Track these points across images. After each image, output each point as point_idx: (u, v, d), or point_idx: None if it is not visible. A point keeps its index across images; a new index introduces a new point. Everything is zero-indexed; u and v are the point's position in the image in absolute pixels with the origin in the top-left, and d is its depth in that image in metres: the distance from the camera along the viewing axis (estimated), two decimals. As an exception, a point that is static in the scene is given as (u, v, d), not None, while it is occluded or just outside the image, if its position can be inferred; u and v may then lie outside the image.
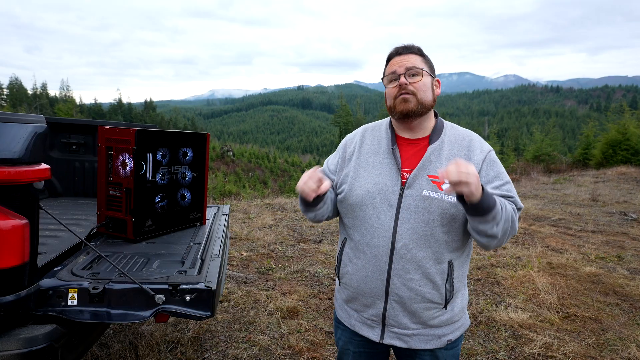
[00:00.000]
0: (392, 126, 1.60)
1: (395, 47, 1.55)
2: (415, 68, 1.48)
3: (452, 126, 1.59)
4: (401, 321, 1.50)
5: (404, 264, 1.45)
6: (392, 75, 1.50)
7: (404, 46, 1.53)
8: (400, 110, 1.48)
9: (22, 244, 1.38)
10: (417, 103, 1.47)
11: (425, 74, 1.50)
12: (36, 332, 1.44)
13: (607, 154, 16.78)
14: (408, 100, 1.47)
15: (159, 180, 2.34)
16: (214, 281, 1.71)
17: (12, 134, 1.38)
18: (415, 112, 1.48)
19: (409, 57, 1.50)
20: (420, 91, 1.48)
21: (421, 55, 1.53)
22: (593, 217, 7.47)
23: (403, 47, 1.53)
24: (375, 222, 1.48)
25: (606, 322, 3.59)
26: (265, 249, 5.40)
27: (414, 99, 1.47)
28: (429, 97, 1.50)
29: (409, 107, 1.47)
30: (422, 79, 1.49)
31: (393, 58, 1.53)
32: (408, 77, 1.48)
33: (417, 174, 1.46)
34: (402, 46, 1.54)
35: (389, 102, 1.53)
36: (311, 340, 3.17)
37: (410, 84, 1.47)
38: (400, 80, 1.47)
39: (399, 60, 1.50)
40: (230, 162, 47.98)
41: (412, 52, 1.52)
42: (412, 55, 1.51)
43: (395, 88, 1.49)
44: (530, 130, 63.41)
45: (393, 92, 1.50)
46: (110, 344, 2.86)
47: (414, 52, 1.52)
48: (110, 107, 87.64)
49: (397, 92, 1.49)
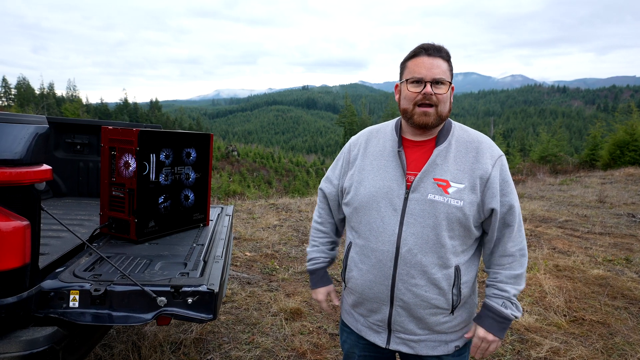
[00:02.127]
0: (398, 128, 1.54)
1: (424, 45, 1.43)
2: (443, 79, 1.40)
3: (460, 127, 1.53)
4: (407, 327, 1.48)
5: (408, 269, 1.42)
6: (418, 79, 1.40)
7: (435, 47, 1.42)
8: (419, 122, 1.43)
9: (23, 246, 1.37)
10: (436, 116, 1.42)
11: (449, 85, 1.43)
12: (37, 334, 1.43)
13: (615, 154, 16.63)
14: (429, 114, 1.41)
15: (162, 180, 2.33)
16: (216, 283, 1.69)
17: (13, 134, 1.37)
18: (432, 125, 1.44)
19: (439, 63, 1.40)
20: (441, 103, 1.42)
21: (448, 62, 1.44)
22: (600, 218, 7.39)
23: (434, 48, 1.42)
24: (380, 226, 1.45)
25: (614, 326, 3.53)
26: (269, 249, 5.39)
27: (434, 111, 1.41)
28: (447, 108, 1.45)
29: (429, 121, 1.42)
30: (447, 92, 1.42)
31: (421, 57, 1.42)
32: (434, 87, 1.40)
33: (423, 177, 1.42)
34: (432, 46, 1.42)
35: (406, 105, 1.45)
36: (315, 343, 3.15)
37: (435, 95, 1.40)
38: (427, 89, 1.39)
39: (428, 64, 1.40)
40: (235, 162, 48.07)
41: (442, 57, 1.42)
42: (442, 61, 1.41)
43: (418, 94, 1.41)
44: (536, 130, 63.03)
45: (413, 96, 1.42)
46: (113, 345, 2.86)
47: (444, 57, 1.43)
48: (116, 107, 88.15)
49: (419, 99, 1.41)
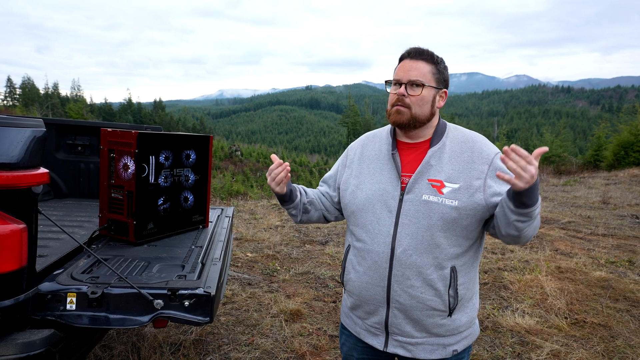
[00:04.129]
0: (393, 131, 1.58)
1: (408, 49, 1.48)
2: (418, 80, 1.43)
3: (455, 128, 1.55)
4: (404, 329, 1.48)
5: (404, 270, 1.43)
6: (396, 81, 1.47)
7: (417, 50, 1.46)
8: (393, 120, 1.49)
9: (20, 249, 1.37)
10: (410, 117, 1.45)
11: (428, 87, 1.44)
12: (34, 336, 1.43)
13: (619, 155, 16.53)
14: (401, 113, 1.45)
15: (162, 182, 2.33)
16: (213, 286, 1.69)
17: (10, 138, 1.38)
18: (406, 125, 1.47)
19: (418, 65, 1.44)
20: (415, 105, 1.44)
21: (433, 64, 1.46)
22: (604, 220, 7.35)
23: (415, 51, 1.46)
24: (376, 228, 1.48)
25: (616, 328, 3.51)
26: (271, 250, 5.39)
27: (408, 112, 1.45)
28: (425, 111, 1.46)
29: (401, 120, 1.46)
30: (422, 93, 1.44)
31: (404, 60, 1.48)
32: (409, 88, 1.44)
33: (417, 178, 1.44)
34: (415, 50, 1.47)
35: (388, 106, 1.51)
36: (314, 344, 3.14)
37: (409, 96, 1.44)
38: (400, 90, 1.45)
39: (407, 66, 1.45)
40: (238, 162, 48.14)
41: (423, 59, 1.45)
42: (422, 63, 1.44)
43: (395, 95, 1.47)
44: (540, 131, 62.75)
45: (392, 98, 1.49)
46: (112, 346, 2.86)
47: (426, 59, 1.45)
48: (120, 107, 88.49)
49: (394, 100, 1.47)
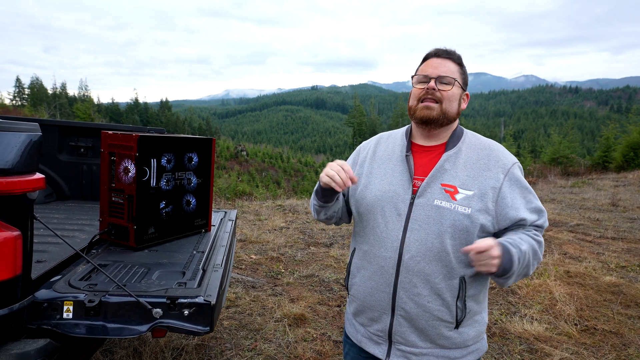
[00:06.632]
0: (408, 133, 1.54)
1: (435, 48, 1.48)
2: (448, 77, 1.41)
3: (472, 134, 1.51)
4: (409, 338, 1.42)
5: (411, 277, 1.38)
6: (424, 77, 1.44)
7: (446, 50, 1.46)
8: (421, 116, 1.43)
9: (14, 257, 1.33)
10: (440, 112, 1.41)
11: (457, 85, 1.43)
12: (28, 347, 1.39)
13: (629, 156, 16.30)
14: (431, 108, 1.41)
15: (164, 186, 2.29)
16: (214, 295, 1.65)
17: (4, 142, 1.34)
18: (435, 120, 1.42)
19: (447, 64, 1.43)
20: (446, 100, 1.41)
21: (459, 65, 1.46)
22: (613, 222, 7.23)
23: (444, 50, 1.46)
24: (384, 231, 1.42)
25: (628, 336, 3.43)
26: (275, 252, 5.35)
27: (438, 107, 1.41)
28: (454, 108, 1.44)
29: (431, 115, 1.41)
30: (452, 89, 1.42)
31: (431, 59, 1.46)
32: (439, 84, 1.41)
33: (430, 182, 1.39)
34: (443, 49, 1.47)
35: (412, 102, 1.47)
36: (318, 350, 3.09)
37: (439, 91, 1.40)
38: (430, 84, 1.41)
39: (435, 63, 1.43)
40: (243, 162, 48.20)
41: (452, 59, 1.45)
42: (451, 63, 1.44)
43: (422, 90, 1.43)
44: (547, 131, 62.21)
45: (418, 93, 1.44)
46: (114, 350, 2.83)
47: (454, 59, 1.45)
48: (127, 107, 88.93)
49: (423, 95, 1.43)
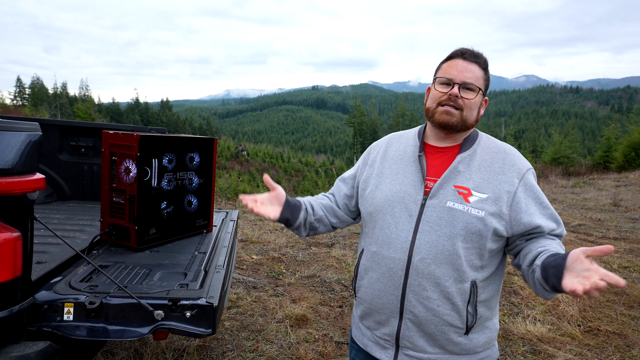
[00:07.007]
0: (421, 133, 1.50)
1: (462, 48, 1.42)
2: (473, 84, 1.37)
3: (487, 137, 1.48)
4: (417, 343, 1.39)
5: (420, 280, 1.34)
6: (447, 80, 1.38)
7: (473, 52, 1.40)
8: (440, 121, 1.39)
9: (14, 258, 1.32)
10: (459, 120, 1.38)
11: (480, 93, 1.39)
12: (28, 349, 1.37)
13: (630, 156, 16.27)
14: (451, 114, 1.37)
15: (165, 186, 2.27)
16: (216, 296, 1.63)
17: (4, 142, 1.32)
18: (454, 127, 1.39)
19: (473, 68, 1.38)
20: (467, 108, 1.38)
21: (484, 70, 1.41)
22: (615, 223, 7.20)
23: (471, 52, 1.40)
24: (393, 232, 1.39)
25: (631, 337, 3.41)
26: (276, 252, 5.33)
27: (459, 115, 1.37)
28: (474, 116, 1.41)
29: (450, 121, 1.38)
30: (475, 98, 1.38)
31: (456, 59, 1.40)
32: (462, 90, 1.37)
33: (443, 184, 1.36)
34: (470, 51, 1.41)
35: (430, 104, 1.42)
36: (320, 351, 3.07)
37: (462, 98, 1.36)
38: (453, 90, 1.36)
39: (461, 67, 1.38)
40: (244, 162, 48.15)
41: (478, 64, 1.39)
42: (476, 67, 1.39)
43: (444, 94, 1.38)
44: (548, 131, 62.13)
45: (439, 96, 1.39)
46: (115, 351, 2.81)
47: (480, 63, 1.40)
48: (127, 107, 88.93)
49: (444, 99, 1.38)
